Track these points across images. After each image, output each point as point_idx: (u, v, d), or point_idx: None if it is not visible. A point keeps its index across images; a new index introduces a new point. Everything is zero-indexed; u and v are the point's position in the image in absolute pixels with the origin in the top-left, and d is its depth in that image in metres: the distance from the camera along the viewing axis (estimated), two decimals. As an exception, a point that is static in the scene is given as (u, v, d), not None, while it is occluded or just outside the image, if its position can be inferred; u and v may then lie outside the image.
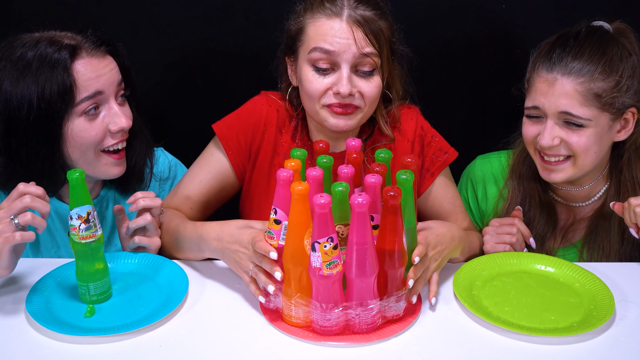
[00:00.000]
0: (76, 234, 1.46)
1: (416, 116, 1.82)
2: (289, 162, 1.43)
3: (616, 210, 1.64)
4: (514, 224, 1.70)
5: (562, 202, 1.84)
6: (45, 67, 1.58)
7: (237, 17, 2.15)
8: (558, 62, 1.64)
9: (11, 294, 1.53)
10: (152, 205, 1.62)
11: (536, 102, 1.67)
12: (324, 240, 1.31)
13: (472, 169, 1.94)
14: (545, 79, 1.65)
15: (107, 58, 1.66)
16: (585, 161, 1.68)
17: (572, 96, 1.62)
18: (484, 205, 1.90)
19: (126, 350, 1.38)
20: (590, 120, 1.63)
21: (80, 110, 1.61)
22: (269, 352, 1.38)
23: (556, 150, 1.68)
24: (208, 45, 2.18)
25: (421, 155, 1.80)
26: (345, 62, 1.62)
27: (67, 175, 1.42)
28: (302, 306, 1.40)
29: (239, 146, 1.77)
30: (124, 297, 1.54)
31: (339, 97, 1.63)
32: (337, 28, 1.61)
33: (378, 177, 1.37)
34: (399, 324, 1.43)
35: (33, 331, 1.42)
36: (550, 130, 1.66)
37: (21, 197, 1.45)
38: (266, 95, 1.81)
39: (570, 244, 1.82)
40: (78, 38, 1.64)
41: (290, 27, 1.71)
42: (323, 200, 1.28)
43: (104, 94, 1.63)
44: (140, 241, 1.63)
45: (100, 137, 1.65)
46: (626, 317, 1.47)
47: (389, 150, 1.51)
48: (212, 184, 1.79)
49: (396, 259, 1.38)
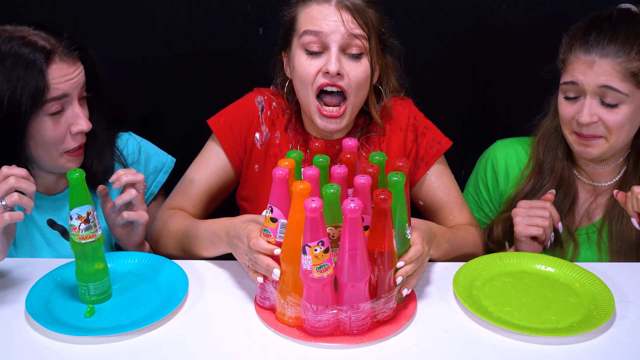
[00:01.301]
0: (76, 234, 1.46)
1: (409, 106, 1.84)
2: (284, 161, 1.43)
3: (619, 199, 1.67)
4: (546, 208, 1.73)
5: (585, 181, 1.86)
6: (20, 66, 1.58)
7: (234, 17, 2.15)
8: (595, 44, 1.70)
9: (11, 294, 1.53)
10: (135, 180, 1.63)
11: (575, 78, 1.72)
12: (314, 244, 1.31)
13: (492, 150, 1.96)
14: (584, 60, 1.70)
15: (77, 63, 1.67)
16: (619, 138, 1.73)
17: (611, 74, 1.68)
18: (505, 186, 1.91)
19: (126, 350, 1.38)
20: (628, 95, 1.68)
21: (47, 110, 1.62)
22: (269, 352, 1.38)
23: (593, 129, 1.72)
24: (202, 45, 2.18)
25: (415, 144, 1.82)
26: (334, 42, 1.65)
27: (67, 176, 1.43)
28: (295, 306, 1.40)
29: (235, 139, 1.80)
30: (123, 297, 1.54)
31: (328, 76, 1.66)
32: (326, 12, 1.66)
33: (368, 178, 1.37)
34: (393, 325, 1.43)
35: (33, 331, 1.42)
36: (589, 107, 1.70)
37: (5, 179, 1.46)
38: (259, 90, 1.85)
39: (590, 222, 1.85)
40: (52, 41, 1.64)
41: (284, 19, 1.75)
42: (314, 205, 1.27)
43: (69, 96, 1.65)
44: (129, 216, 1.63)
45: (62, 137, 1.66)
46: (626, 317, 1.47)
47: (384, 153, 1.51)
48: (213, 179, 1.80)
49: (386, 261, 1.38)
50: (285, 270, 1.39)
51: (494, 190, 1.94)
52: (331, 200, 1.36)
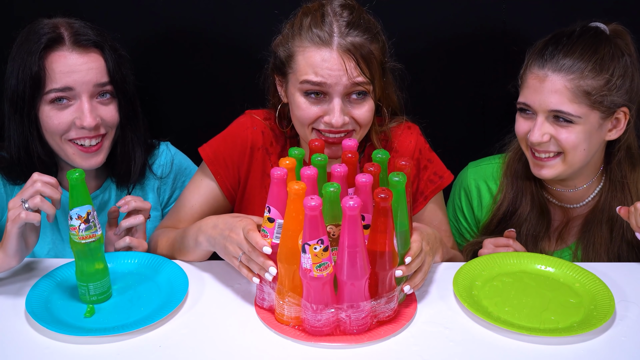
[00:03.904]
0: (76, 234, 1.46)
1: (416, 138, 1.78)
2: (284, 161, 1.43)
3: (622, 214, 1.63)
4: (510, 245, 1.71)
5: (556, 203, 1.84)
6: (25, 49, 1.66)
7: (243, 10, 2.13)
8: (550, 59, 1.66)
9: (11, 295, 1.53)
10: (142, 207, 1.66)
11: (527, 100, 1.69)
12: (314, 242, 1.31)
13: (464, 177, 1.93)
14: (537, 75, 1.67)
15: (90, 55, 1.68)
16: (575, 158, 1.69)
17: (562, 93, 1.63)
18: (480, 213, 1.90)
19: (126, 350, 1.38)
20: (580, 117, 1.64)
21: (48, 98, 1.66)
22: (269, 352, 1.38)
23: (546, 147, 1.69)
24: (208, 39, 2.16)
25: (417, 179, 1.79)
26: (337, 93, 1.59)
27: (67, 176, 1.43)
28: (294, 305, 1.40)
29: (227, 169, 1.77)
30: (124, 297, 1.54)
31: (330, 126, 1.62)
32: (327, 58, 1.57)
33: (369, 177, 1.37)
34: (393, 325, 1.43)
35: (33, 331, 1.42)
36: (540, 127, 1.67)
37: (33, 184, 1.49)
38: (250, 116, 1.79)
39: (565, 245, 1.83)
40: (75, 28, 1.68)
41: (278, 51, 1.66)
42: (313, 203, 1.27)
43: (74, 90, 1.67)
44: (131, 242, 1.66)
45: (64, 128, 1.69)
46: (626, 317, 1.47)
47: (386, 151, 1.50)
48: (204, 208, 1.79)
49: (386, 260, 1.38)
50: (283, 271, 1.39)
51: (470, 217, 1.93)
52: (331, 198, 1.36)
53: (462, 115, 2.26)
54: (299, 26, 1.62)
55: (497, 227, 1.84)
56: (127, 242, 1.66)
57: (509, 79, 1.81)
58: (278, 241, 1.39)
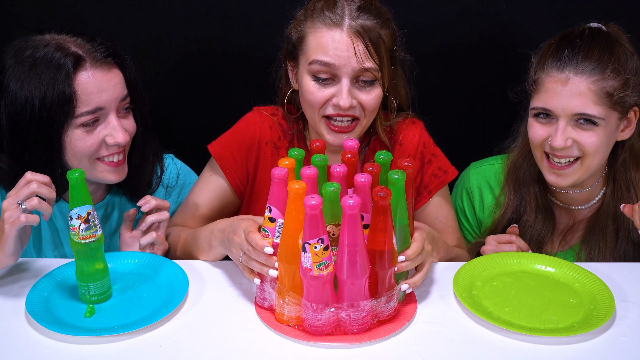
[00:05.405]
0: (76, 234, 1.46)
1: (420, 132, 1.80)
2: (283, 161, 1.43)
3: (626, 212, 1.63)
4: (513, 242, 1.70)
5: (561, 205, 1.83)
6: (50, 71, 1.58)
7: (248, 19, 2.14)
8: (569, 61, 1.64)
9: (11, 294, 1.53)
10: (162, 206, 1.66)
11: (546, 104, 1.66)
12: (314, 241, 1.31)
13: (466, 178, 1.92)
14: (558, 78, 1.65)
15: (112, 71, 1.64)
16: (594, 161, 1.68)
17: (586, 95, 1.62)
18: (481, 214, 1.89)
19: (126, 350, 1.38)
20: (603, 119, 1.64)
21: (79, 122, 1.61)
22: (269, 352, 1.38)
23: (568, 152, 1.67)
24: (215, 48, 2.17)
25: (420, 172, 1.79)
26: (346, 75, 1.61)
27: (67, 175, 1.43)
28: (294, 305, 1.40)
29: (236, 165, 1.78)
30: (124, 297, 1.54)
31: (338, 108, 1.63)
32: (337, 39, 1.59)
33: (368, 177, 1.37)
34: (393, 325, 1.43)
35: (33, 331, 1.42)
36: (563, 131, 1.65)
37: (28, 184, 1.48)
38: (259, 112, 1.80)
39: (569, 247, 1.83)
40: (86, 47, 1.63)
41: (290, 34, 1.69)
42: (314, 202, 1.28)
43: (104, 109, 1.63)
44: (157, 237, 1.66)
45: (95, 148, 1.64)
46: (626, 317, 1.47)
47: (389, 152, 1.50)
48: (213, 204, 1.80)
49: (386, 259, 1.38)
50: (283, 270, 1.39)
51: (472, 218, 1.92)
52: (331, 198, 1.36)
53: (462, 115, 2.26)
54: (312, 9, 1.65)
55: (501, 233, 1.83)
56: (154, 237, 1.65)
57: (509, 80, 1.81)
58: (279, 241, 1.40)
